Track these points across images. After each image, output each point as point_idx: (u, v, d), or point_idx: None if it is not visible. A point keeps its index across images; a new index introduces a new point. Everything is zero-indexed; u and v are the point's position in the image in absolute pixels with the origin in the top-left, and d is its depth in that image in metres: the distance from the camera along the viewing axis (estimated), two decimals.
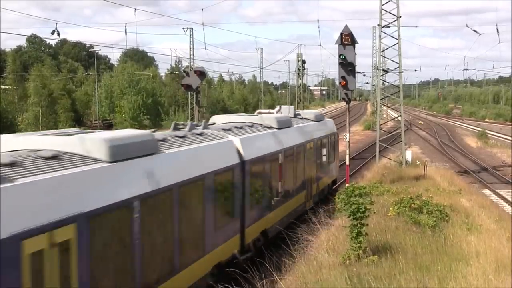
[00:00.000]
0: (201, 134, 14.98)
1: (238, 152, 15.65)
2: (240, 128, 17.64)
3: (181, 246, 11.88)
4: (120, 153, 10.20)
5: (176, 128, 15.15)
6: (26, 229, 7.52)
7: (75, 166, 9.22)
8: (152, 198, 10.73)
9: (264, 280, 12.43)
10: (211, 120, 19.34)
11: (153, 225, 10.84)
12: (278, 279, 12.44)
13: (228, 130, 16.69)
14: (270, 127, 19.44)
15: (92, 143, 9.94)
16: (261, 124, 19.40)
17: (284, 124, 20.40)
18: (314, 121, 25.32)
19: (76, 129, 12.20)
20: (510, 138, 61.69)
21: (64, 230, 8.21)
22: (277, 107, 25.35)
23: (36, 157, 9.00)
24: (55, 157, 9.19)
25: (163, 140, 12.63)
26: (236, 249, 15.09)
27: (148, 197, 10.55)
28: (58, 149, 9.63)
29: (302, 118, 24.71)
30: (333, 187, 28.21)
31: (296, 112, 25.27)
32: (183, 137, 13.90)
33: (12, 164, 8.24)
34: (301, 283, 11.86)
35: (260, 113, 23.01)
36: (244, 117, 20.45)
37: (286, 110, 24.42)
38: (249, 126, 18.52)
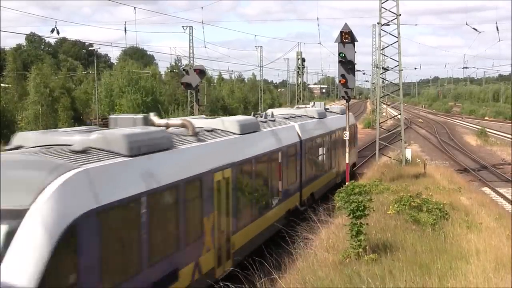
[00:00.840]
0: (274, 120, 20.66)
1: (298, 133, 21.56)
2: (294, 117, 23.35)
3: (271, 194, 17.95)
4: (246, 128, 16.18)
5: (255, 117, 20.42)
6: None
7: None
8: (261, 158, 16.81)
9: (264, 279, 12.42)
10: (268, 111, 24.43)
11: (261, 178, 16.98)
12: (277, 277, 12.43)
13: (288, 118, 22.61)
14: (313, 117, 25.43)
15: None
16: (305, 115, 25.27)
17: (322, 115, 26.68)
18: (340, 114, 30.98)
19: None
20: (510, 136, 61.70)
21: (224, 171, 13.63)
22: (312, 103, 32.32)
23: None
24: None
25: (264, 122, 19.33)
26: (297, 202, 20.94)
27: (257, 159, 16.35)
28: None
29: (330, 112, 30.53)
30: (353, 169, 33.49)
31: (326, 107, 30.93)
32: (265, 122, 19.59)
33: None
34: (300, 282, 11.86)
35: (298, 107, 30.36)
36: (292, 110, 26.88)
37: (318, 105, 30.22)
38: (298, 116, 24.25)
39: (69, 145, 9.81)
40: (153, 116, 13.37)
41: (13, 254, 7.23)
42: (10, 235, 7.37)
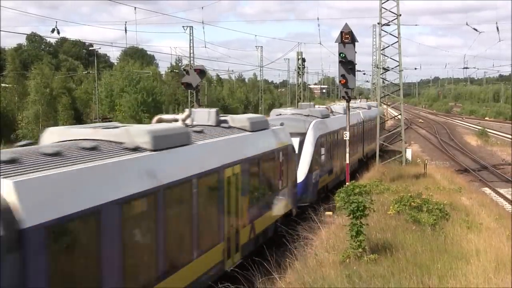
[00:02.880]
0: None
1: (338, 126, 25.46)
2: (307, 115, 25.33)
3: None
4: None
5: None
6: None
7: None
8: (268, 154, 16.99)
9: (263, 279, 12.41)
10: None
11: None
12: (277, 278, 12.42)
13: (307, 116, 25.11)
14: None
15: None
16: (308, 115, 26.02)
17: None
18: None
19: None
20: (510, 136, 61.66)
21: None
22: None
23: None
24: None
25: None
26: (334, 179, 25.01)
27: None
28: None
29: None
30: (365, 160, 36.40)
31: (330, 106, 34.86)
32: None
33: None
34: (301, 282, 11.84)
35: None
36: (308, 109, 27.41)
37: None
38: (305, 115, 25.48)
39: (306, 115, 12.87)
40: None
41: None
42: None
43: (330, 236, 15.32)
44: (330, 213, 20.29)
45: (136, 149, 10.39)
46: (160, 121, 13.95)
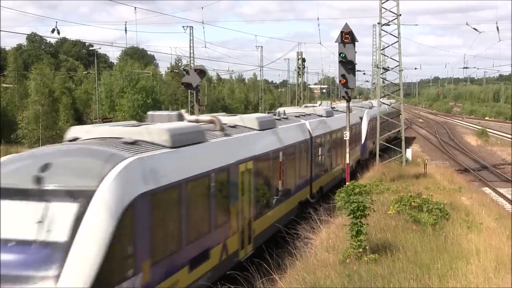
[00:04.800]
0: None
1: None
2: (304, 115, 24.97)
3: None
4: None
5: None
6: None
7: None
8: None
9: (263, 279, 12.42)
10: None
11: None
12: (277, 278, 12.42)
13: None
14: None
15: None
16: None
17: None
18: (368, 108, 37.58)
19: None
20: (510, 136, 61.67)
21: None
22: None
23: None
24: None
25: (280, 119, 21.17)
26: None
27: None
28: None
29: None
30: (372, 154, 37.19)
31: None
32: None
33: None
34: (300, 282, 11.85)
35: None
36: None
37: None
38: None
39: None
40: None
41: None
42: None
43: (330, 235, 15.33)
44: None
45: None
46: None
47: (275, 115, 22.14)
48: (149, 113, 14.50)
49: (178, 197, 11.08)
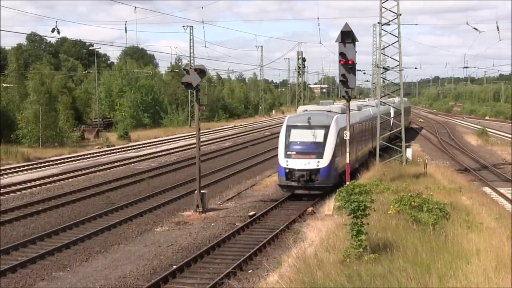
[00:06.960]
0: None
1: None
2: (366, 106, 42.09)
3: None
4: (359, 109, 37.06)
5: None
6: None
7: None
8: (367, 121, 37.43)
9: (263, 279, 12.41)
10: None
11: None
12: (277, 278, 12.41)
13: (363, 106, 40.40)
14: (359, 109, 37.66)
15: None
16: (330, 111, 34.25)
17: (360, 108, 38.92)
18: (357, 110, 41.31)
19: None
20: (510, 135, 61.66)
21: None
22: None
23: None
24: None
25: (359, 109, 37.40)
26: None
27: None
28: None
29: (367, 105, 44.28)
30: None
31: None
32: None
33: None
34: (301, 282, 11.84)
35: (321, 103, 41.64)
36: (328, 106, 34.78)
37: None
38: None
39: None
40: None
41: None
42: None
43: (330, 235, 15.32)
44: (330, 212, 20.32)
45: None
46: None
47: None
48: (321, 101, 30.00)
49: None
